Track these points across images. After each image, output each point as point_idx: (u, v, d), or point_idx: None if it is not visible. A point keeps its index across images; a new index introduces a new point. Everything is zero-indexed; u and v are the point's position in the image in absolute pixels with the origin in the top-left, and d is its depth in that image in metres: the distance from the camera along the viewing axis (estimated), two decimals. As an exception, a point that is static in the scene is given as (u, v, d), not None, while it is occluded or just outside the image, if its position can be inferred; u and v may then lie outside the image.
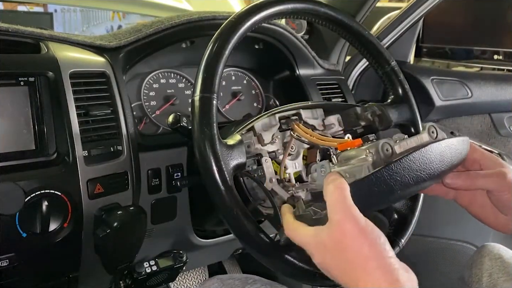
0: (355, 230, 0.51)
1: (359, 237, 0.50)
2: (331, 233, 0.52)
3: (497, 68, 1.68)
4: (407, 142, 0.62)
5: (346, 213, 0.52)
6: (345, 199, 0.53)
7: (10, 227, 0.70)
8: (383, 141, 0.59)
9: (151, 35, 0.95)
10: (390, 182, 0.57)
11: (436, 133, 0.65)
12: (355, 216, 0.52)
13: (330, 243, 0.52)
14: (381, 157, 0.58)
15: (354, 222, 0.51)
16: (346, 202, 0.53)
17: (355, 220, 0.51)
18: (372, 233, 0.51)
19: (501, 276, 0.86)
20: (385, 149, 0.59)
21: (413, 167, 0.59)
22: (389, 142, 0.59)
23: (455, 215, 1.34)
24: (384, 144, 0.59)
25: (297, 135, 0.79)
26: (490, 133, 1.50)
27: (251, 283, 0.83)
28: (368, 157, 0.60)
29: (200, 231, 1.03)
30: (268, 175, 0.74)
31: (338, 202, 0.53)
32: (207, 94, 0.65)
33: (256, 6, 0.71)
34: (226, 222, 0.65)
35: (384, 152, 0.58)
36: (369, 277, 0.48)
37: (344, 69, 1.36)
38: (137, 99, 1.01)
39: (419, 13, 1.33)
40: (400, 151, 0.60)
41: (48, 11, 3.42)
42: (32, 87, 0.77)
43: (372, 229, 0.51)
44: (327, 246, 0.53)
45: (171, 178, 0.91)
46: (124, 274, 0.96)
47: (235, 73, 1.17)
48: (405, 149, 0.61)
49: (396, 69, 0.86)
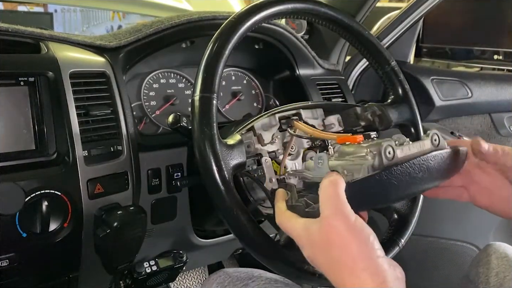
0: (343, 227, 0.50)
1: (348, 235, 0.50)
2: (320, 227, 0.52)
3: (497, 68, 1.68)
4: (409, 147, 0.62)
5: (336, 210, 0.52)
6: (338, 195, 0.53)
7: (10, 227, 0.70)
8: (387, 143, 0.59)
9: (151, 35, 0.95)
10: (387, 186, 0.58)
11: (438, 141, 0.65)
12: (345, 213, 0.51)
13: (319, 238, 0.52)
14: (382, 159, 0.58)
15: (344, 219, 0.51)
16: (338, 198, 0.53)
17: (345, 217, 0.51)
18: (361, 232, 0.51)
19: (508, 274, 0.86)
20: (388, 152, 0.59)
21: (412, 173, 0.59)
22: (392, 145, 0.59)
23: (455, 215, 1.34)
24: (387, 146, 0.59)
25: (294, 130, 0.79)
26: (490, 133, 1.50)
27: (257, 276, 0.84)
28: (368, 156, 0.60)
29: (200, 231, 1.03)
30: (268, 175, 0.74)
31: (330, 198, 0.53)
32: (207, 94, 0.65)
33: (256, 6, 0.71)
34: (226, 222, 0.65)
35: (386, 155, 0.58)
36: (356, 279, 0.48)
37: (344, 69, 1.36)
38: (137, 99, 1.01)
39: (419, 13, 1.33)
40: (402, 156, 0.60)
41: (48, 11, 3.42)
42: (32, 87, 0.77)
43: (361, 228, 0.51)
44: (316, 241, 0.53)
45: (171, 178, 0.91)
46: (124, 274, 0.96)
47: (235, 73, 1.17)
48: (406, 154, 0.61)
49: (396, 69, 0.86)
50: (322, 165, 0.63)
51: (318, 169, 0.64)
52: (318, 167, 0.64)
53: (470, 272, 0.94)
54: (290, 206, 0.61)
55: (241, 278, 0.84)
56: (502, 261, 0.89)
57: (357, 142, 0.63)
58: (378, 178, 0.57)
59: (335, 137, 0.71)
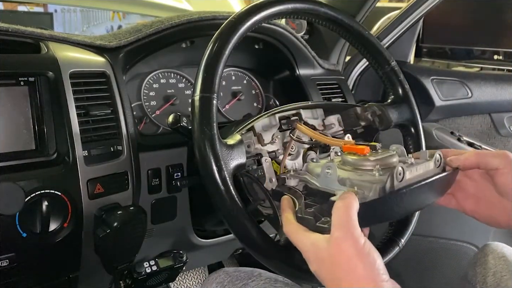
0: (352, 250, 0.52)
1: (355, 258, 0.52)
2: (329, 247, 0.54)
3: (497, 68, 1.68)
4: (417, 168, 0.65)
5: (347, 233, 0.53)
6: (350, 218, 0.54)
7: (10, 227, 0.70)
8: (399, 165, 0.62)
9: (151, 35, 0.95)
10: (395, 205, 0.61)
11: (440, 162, 0.69)
12: (355, 237, 0.53)
13: (326, 256, 0.54)
14: (394, 182, 0.61)
15: (354, 242, 0.52)
16: (350, 221, 0.54)
17: (355, 240, 0.52)
18: (368, 256, 0.52)
19: (505, 274, 0.86)
20: (399, 174, 0.61)
21: (418, 194, 0.64)
22: (403, 167, 0.62)
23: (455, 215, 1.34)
24: (399, 169, 0.61)
25: (297, 137, 0.79)
26: (490, 133, 1.50)
27: (257, 275, 0.84)
28: (375, 172, 0.63)
29: (200, 231, 1.03)
30: (268, 175, 0.74)
31: (342, 220, 0.54)
32: (207, 94, 0.65)
33: (256, 6, 0.71)
34: (226, 222, 0.65)
35: (397, 176, 0.61)
36: None
37: (344, 69, 1.36)
38: (137, 99, 1.01)
39: (419, 13, 1.33)
40: (410, 177, 0.64)
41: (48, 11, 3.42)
42: (32, 87, 0.77)
43: (369, 252, 0.52)
44: (323, 258, 0.54)
45: (171, 178, 0.91)
46: (124, 274, 0.96)
47: (235, 73, 1.17)
48: (414, 176, 0.64)
49: (396, 69, 0.86)
50: (331, 176, 0.64)
51: (326, 178, 0.65)
52: (326, 176, 0.65)
53: (468, 272, 0.94)
54: (300, 218, 0.62)
55: (240, 278, 0.84)
56: (499, 261, 0.89)
57: (364, 154, 0.66)
58: (388, 200, 0.60)
59: (341, 144, 0.72)
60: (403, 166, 0.62)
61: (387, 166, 0.64)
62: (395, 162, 0.65)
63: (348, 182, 0.63)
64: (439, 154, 0.69)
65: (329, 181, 0.64)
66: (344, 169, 0.66)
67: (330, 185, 0.64)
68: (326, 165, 0.65)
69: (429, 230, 1.49)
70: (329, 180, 0.64)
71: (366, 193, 0.61)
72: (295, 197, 0.66)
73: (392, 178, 0.60)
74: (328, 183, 0.65)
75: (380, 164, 0.64)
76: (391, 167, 0.64)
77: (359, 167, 0.65)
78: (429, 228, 1.48)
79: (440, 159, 0.69)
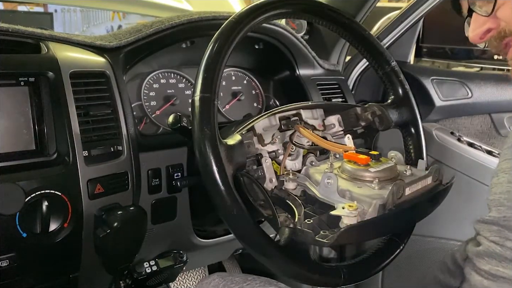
0: None
1: None
2: None
3: (497, 68, 1.68)
4: (416, 184, 0.67)
5: None
6: None
7: (10, 227, 0.70)
8: (399, 183, 0.63)
9: (151, 35, 0.95)
10: (394, 219, 0.64)
11: (438, 176, 0.71)
12: None
13: None
14: (394, 200, 0.62)
15: None
16: None
17: None
18: None
19: None
20: (399, 191, 0.63)
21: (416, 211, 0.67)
22: (404, 185, 0.64)
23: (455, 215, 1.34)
24: (400, 187, 0.63)
25: (297, 137, 0.79)
26: (490, 133, 1.50)
27: (251, 280, 0.84)
28: (375, 186, 0.64)
29: (200, 231, 1.03)
30: (268, 176, 0.74)
31: None
32: (207, 94, 0.65)
33: (257, 6, 0.71)
34: (226, 222, 0.65)
35: (398, 193, 0.63)
36: None
37: (344, 69, 1.36)
38: (137, 99, 1.01)
39: (419, 13, 1.33)
40: (409, 193, 0.65)
41: (48, 11, 3.42)
42: (32, 87, 0.77)
43: None
44: None
45: (171, 178, 0.91)
46: (124, 274, 0.96)
47: (235, 73, 1.17)
48: (412, 191, 0.66)
49: (396, 69, 0.86)
50: (331, 186, 0.65)
51: (326, 188, 0.65)
52: (326, 186, 0.65)
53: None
54: (299, 230, 0.62)
55: (235, 281, 0.84)
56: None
57: (364, 164, 0.67)
58: (386, 217, 0.62)
59: (341, 151, 0.73)
60: (403, 183, 0.63)
61: (386, 179, 0.66)
62: (394, 176, 0.67)
63: (348, 195, 0.64)
64: (437, 168, 0.71)
65: (329, 191, 0.65)
66: (342, 177, 0.67)
67: (329, 196, 0.65)
68: (326, 175, 0.65)
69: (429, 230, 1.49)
70: (329, 191, 0.65)
71: (365, 208, 0.62)
72: (294, 206, 0.67)
73: (393, 196, 0.62)
74: (328, 194, 0.66)
75: (379, 177, 0.65)
76: (390, 179, 0.66)
77: (358, 177, 0.66)
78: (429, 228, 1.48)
79: (438, 174, 0.70)
